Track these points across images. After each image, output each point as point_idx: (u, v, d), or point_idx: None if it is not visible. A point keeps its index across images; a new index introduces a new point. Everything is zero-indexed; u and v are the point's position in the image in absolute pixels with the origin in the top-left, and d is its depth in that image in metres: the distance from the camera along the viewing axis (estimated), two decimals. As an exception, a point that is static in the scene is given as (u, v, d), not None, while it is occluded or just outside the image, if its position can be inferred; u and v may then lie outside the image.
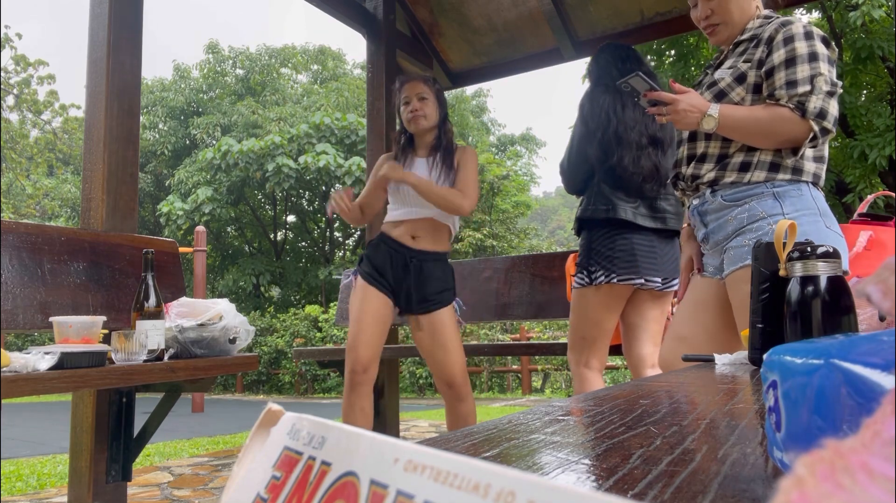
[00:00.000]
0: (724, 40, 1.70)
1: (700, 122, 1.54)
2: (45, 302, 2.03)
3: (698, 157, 1.67)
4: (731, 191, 1.60)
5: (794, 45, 1.53)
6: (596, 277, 2.28)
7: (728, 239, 1.61)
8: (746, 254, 1.54)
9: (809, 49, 1.53)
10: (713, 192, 1.64)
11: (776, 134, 1.52)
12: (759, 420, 0.53)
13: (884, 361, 0.25)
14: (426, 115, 2.44)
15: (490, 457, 0.42)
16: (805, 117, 1.49)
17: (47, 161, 17.69)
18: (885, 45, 7.04)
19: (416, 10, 4.03)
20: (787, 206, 1.53)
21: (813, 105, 1.49)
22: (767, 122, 1.52)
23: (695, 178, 1.67)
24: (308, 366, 10.35)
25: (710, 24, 1.68)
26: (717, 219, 1.64)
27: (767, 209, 1.54)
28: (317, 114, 14.26)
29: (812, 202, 1.54)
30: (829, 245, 0.89)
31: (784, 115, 1.51)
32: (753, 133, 1.54)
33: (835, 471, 0.14)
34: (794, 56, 1.52)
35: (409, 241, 2.42)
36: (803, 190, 1.55)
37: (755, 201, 1.56)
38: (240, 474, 0.24)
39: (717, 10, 1.66)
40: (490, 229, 13.95)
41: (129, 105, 2.39)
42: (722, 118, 1.53)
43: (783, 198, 1.54)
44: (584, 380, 2.37)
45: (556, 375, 9.91)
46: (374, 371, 2.38)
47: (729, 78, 1.62)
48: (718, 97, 1.62)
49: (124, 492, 2.26)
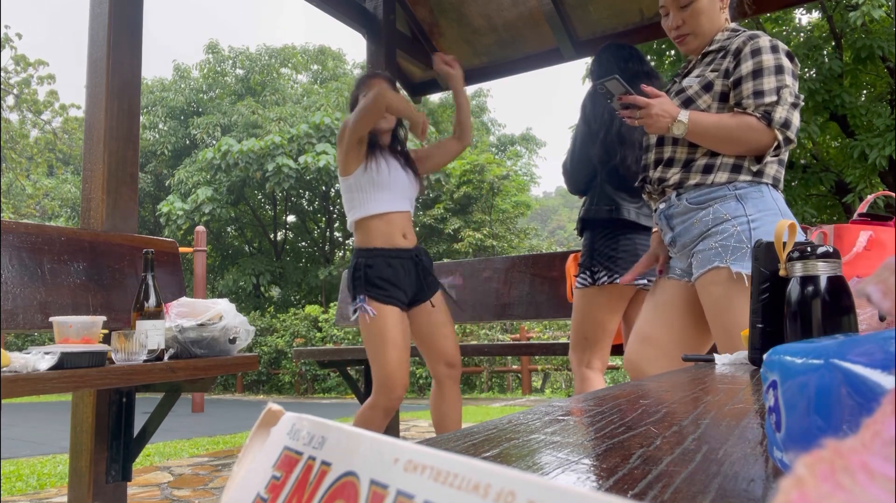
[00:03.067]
0: (693, 50, 1.76)
1: (670, 127, 1.59)
2: (45, 302, 2.03)
3: (665, 161, 1.72)
4: (696, 193, 1.64)
5: (761, 58, 1.59)
6: (599, 278, 2.28)
7: (694, 242, 1.66)
8: (713, 257, 1.58)
9: (776, 62, 1.59)
10: (678, 195, 1.68)
11: (742, 141, 1.58)
12: (759, 420, 0.53)
13: (884, 361, 0.25)
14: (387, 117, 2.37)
15: (490, 457, 0.42)
16: (771, 126, 1.55)
17: (47, 161, 17.69)
18: (885, 45, 7.04)
19: (416, 10, 4.03)
20: (749, 208, 1.58)
21: (779, 115, 1.55)
22: (735, 130, 1.57)
23: (661, 182, 1.72)
24: (308, 366, 10.36)
25: (680, 34, 1.74)
26: (683, 222, 1.68)
27: (731, 211, 1.59)
28: (317, 114, 14.26)
29: (773, 203, 1.59)
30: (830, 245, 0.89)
31: (751, 123, 1.56)
32: (721, 139, 1.59)
33: (835, 471, 0.14)
34: (762, 68, 1.58)
35: (402, 241, 2.32)
36: (764, 191, 1.60)
37: (718, 204, 1.61)
38: (240, 474, 0.24)
39: (688, 21, 1.71)
40: (490, 229, 13.95)
41: (129, 105, 2.39)
42: (691, 124, 1.58)
43: (745, 199, 1.59)
44: (586, 380, 2.37)
45: (556, 375, 9.91)
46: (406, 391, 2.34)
47: (697, 86, 1.67)
48: (686, 104, 1.67)
49: (124, 492, 2.26)
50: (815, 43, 7.82)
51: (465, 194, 13.95)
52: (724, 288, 1.57)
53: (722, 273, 1.57)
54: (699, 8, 1.69)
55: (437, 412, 2.45)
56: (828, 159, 8.36)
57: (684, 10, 1.70)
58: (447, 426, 2.45)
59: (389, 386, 2.25)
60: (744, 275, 1.52)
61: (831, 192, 8.06)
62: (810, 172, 7.79)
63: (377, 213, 2.31)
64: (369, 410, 2.29)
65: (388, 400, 2.26)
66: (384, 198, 2.32)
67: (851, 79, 7.65)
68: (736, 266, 1.54)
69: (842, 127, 7.79)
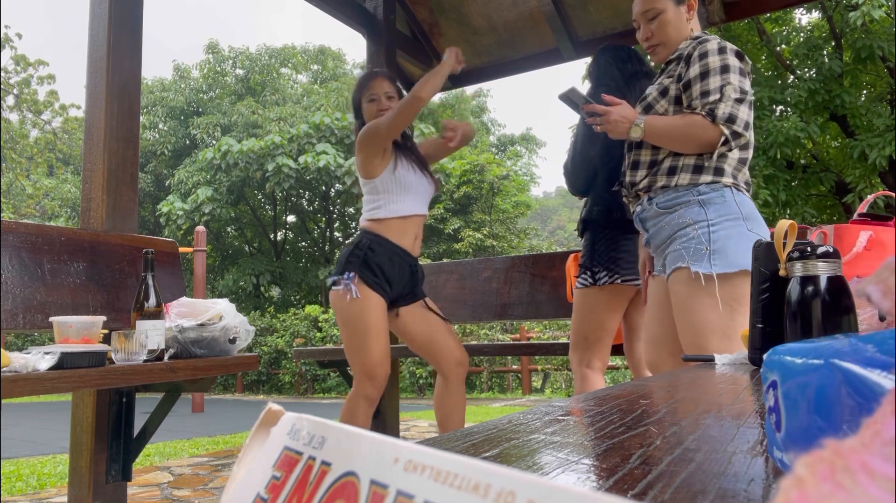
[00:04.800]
0: (662, 59, 1.87)
1: (629, 131, 1.73)
2: (45, 302, 2.03)
3: (632, 164, 1.83)
4: (664, 198, 1.75)
5: (707, 60, 1.70)
6: (599, 278, 2.28)
7: (664, 243, 1.76)
8: (677, 258, 1.70)
9: (722, 62, 1.69)
10: (649, 199, 1.79)
11: (692, 138, 1.68)
12: (759, 420, 0.53)
13: (884, 361, 0.25)
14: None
15: (490, 457, 0.42)
16: (715, 122, 1.64)
17: (47, 161, 17.68)
18: (885, 45, 7.04)
19: (416, 10, 4.03)
20: (710, 213, 1.67)
21: (721, 111, 1.64)
22: (684, 128, 1.68)
23: (633, 186, 1.83)
24: (308, 366, 10.36)
25: (650, 45, 1.86)
26: (655, 225, 1.79)
27: (693, 216, 1.69)
28: (317, 114, 14.26)
29: (735, 207, 1.68)
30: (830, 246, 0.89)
31: (697, 121, 1.67)
32: (673, 138, 1.71)
33: (835, 471, 0.14)
34: (707, 69, 1.69)
35: (410, 245, 2.33)
36: (726, 195, 1.69)
37: (684, 209, 1.71)
38: (240, 474, 0.24)
39: (656, 32, 1.83)
40: (490, 229, 13.95)
41: (129, 105, 2.39)
42: (647, 127, 1.72)
43: (707, 205, 1.68)
44: (586, 380, 2.37)
45: (556, 375, 9.91)
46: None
47: (655, 92, 1.79)
48: (646, 109, 1.79)
49: (124, 492, 2.26)
50: (815, 43, 7.82)
51: (465, 194, 13.95)
52: (686, 286, 1.67)
53: (684, 273, 1.68)
54: (665, 20, 1.81)
55: (443, 409, 2.43)
56: (828, 159, 8.36)
57: (652, 22, 1.82)
58: (452, 422, 2.44)
59: (373, 375, 2.23)
60: (701, 274, 1.63)
61: (831, 192, 8.06)
62: (810, 172, 7.79)
63: (402, 215, 2.31)
64: (352, 401, 2.27)
65: (371, 388, 2.24)
66: (408, 199, 2.32)
67: (851, 79, 7.65)
68: (695, 266, 1.64)
69: (842, 127, 7.79)
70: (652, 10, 1.81)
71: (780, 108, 7.84)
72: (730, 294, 1.62)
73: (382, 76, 2.42)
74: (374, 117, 2.31)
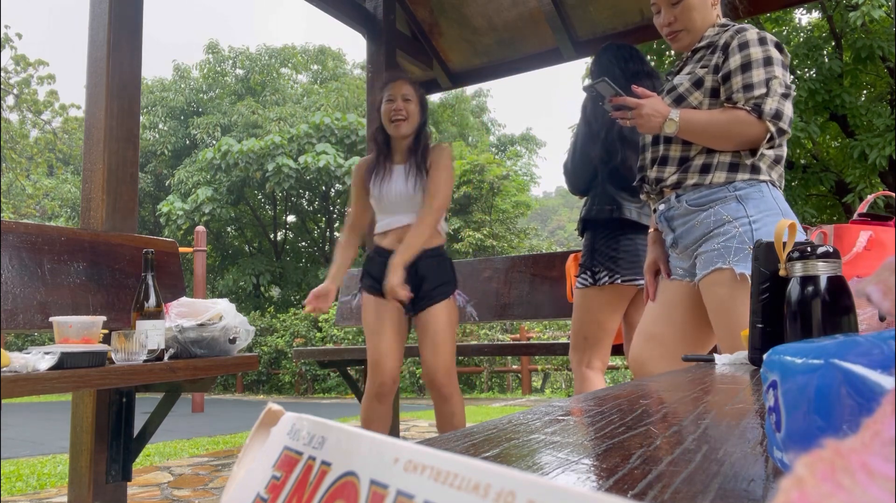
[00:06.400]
0: (685, 46, 1.75)
1: (662, 126, 1.60)
2: (45, 302, 2.03)
3: (660, 159, 1.71)
4: (695, 195, 1.64)
5: (749, 51, 1.58)
6: (600, 278, 2.28)
7: (697, 243, 1.66)
8: (716, 258, 1.59)
9: (764, 54, 1.58)
10: (678, 196, 1.68)
11: (734, 135, 1.57)
12: (759, 420, 0.53)
13: (884, 361, 0.25)
14: (408, 118, 2.38)
15: (490, 457, 0.42)
16: (762, 118, 1.54)
17: (47, 161, 17.68)
18: (885, 45, 7.04)
19: (416, 10, 4.03)
20: (750, 209, 1.57)
21: (769, 107, 1.54)
22: (726, 125, 1.57)
23: (658, 182, 1.72)
24: (308, 366, 10.36)
25: (672, 31, 1.73)
26: (684, 223, 1.68)
27: (732, 213, 1.58)
28: (317, 114, 14.26)
29: (773, 203, 1.59)
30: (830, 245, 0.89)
31: (741, 117, 1.55)
32: (713, 135, 1.59)
33: (835, 471, 0.14)
34: (750, 61, 1.57)
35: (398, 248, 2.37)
36: (764, 191, 1.60)
37: (720, 205, 1.61)
38: (240, 474, 0.24)
39: (680, 18, 1.70)
40: (490, 229, 13.95)
41: (129, 105, 2.39)
42: (682, 122, 1.59)
43: (745, 200, 1.58)
44: (586, 380, 2.37)
45: (556, 375, 9.91)
46: (398, 380, 2.40)
47: (687, 83, 1.67)
48: (677, 101, 1.67)
49: (124, 492, 2.26)
50: (815, 43, 7.82)
51: (465, 194, 13.94)
52: (727, 289, 1.57)
53: (725, 274, 1.57)
54: (690, 4, 1.68)
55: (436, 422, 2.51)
56: (828, 159, 8.36)
57: (675, 6, 1.69)
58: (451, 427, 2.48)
59: (373, 372, 2.35)
60: (747, 276, 1.52)
61: (831, 192, 8.06)
62: (810, 172, 7.79)
63: (390, 229, 2.45)
64: (364, 402, 2.40)
65: (374, 385, 2.35)
66: (385, 220, 2.45)
67: (851, 79, 7.65)
68: (739, 267, 1.54)
69: (842, 127, 7.79)
70: None
71: (780, 108, 7.81)
72: None
73: (405, 80, 2.46)
74: (388, 117, 2.40)
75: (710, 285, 1.61)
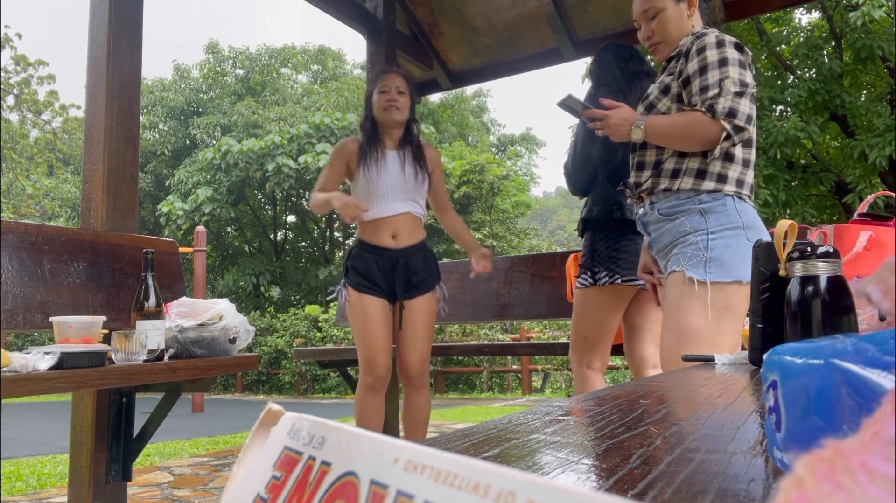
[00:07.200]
0: (664, 57, 1.85)
1: (630, 133, 1.71)
2: (45, 302, 2.03)
3: (636, 165, 1.82)
4: (665, 204, 1.74)
5: (705, 54, 1.67)
6: (600, 278, 2.28)
7: (665, 248, 1.77)
8: (673, 263, 1.71)
9: (720, 56, 1.66)
10: (651, 203, 1.78)
11: (694, 136, 1.65)
12: (759, 420, 0.53)
13: (884, 361, 0.25)
14: (401, 108, 2.43)
15: (490, 457, 0.42)
16: (715, 118, 1.61)
17: (47, 161, 17.68)
18: (885, 45, 7.04)
19: (416, 10, 4.03)
20: (711, 222, 1.67)
21: (721, 106, 1.61)
22: (685, 126, 1.66)
23: (637, 186, 1.82)
24: (308, 366, 10.36)
25: (652, 44, 1.84)
26: (656, 230, 1.79)
27: (694, 225, 1.68)
28: (317, 114, 14.26)
29: (736, 216, 1.67)
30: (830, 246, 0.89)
31: (698, 118, 1.64)
32: (675, 137, 1.68)
33: (835, 471, 0.14)
34: (706, 64, 1.66)
35: (389, 241, 2.42)
36: (727, 204, 1.68)
37: (684, 217, 1.70)
38: (240, 474, 0.24)
39: (657, 31, 1.81)
40: (490, 229, 13.95)
41: (129, 105, 2.39)
42: (648, 127, 1.70)
43: (708, 213, 1.68)
44: (586, 380, 2.37)
45: (556, 375, 9.91)
46: (390, 372, 2.44)
47: (656, 91, 1.78)
48: (648, 109, 1.78)
49: (124, 492, 2.26)
50: (815, 43, 7.82)
51: (465, 194, 13.94)
52: (677, 290, 1.67)
53: (678, 276, 1.68)
54: (665, 17, 1.79)
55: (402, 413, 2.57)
56: (828, 159, 8.36)
57: (652, 21, 1.81)
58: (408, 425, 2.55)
59: (366, 367, 2.39)
60: (695, 280, 1.63)
61: (831, 192, 8.06)
62: (810, 172, 7.79)
63: (373, 218, 2.43)
64: (357, 393, 2.44)
65: (367, 378, 2.39)
66: (380, 204, 2.42)
67: (851, 79, 7.65)
68: (690, 271, 1.64)
69: (842, 127, 7.79)
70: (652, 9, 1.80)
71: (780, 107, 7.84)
72: (721, 302, 1.62)
73: (397, 73, 2.50)
74: (381, 107, 2.42)
75: (667, 286, 1.74)
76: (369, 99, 2.50)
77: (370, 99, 2.49)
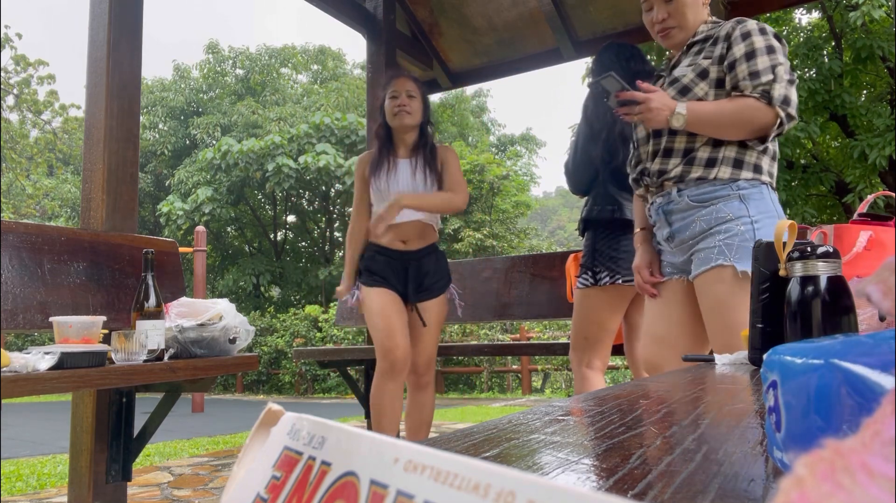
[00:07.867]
0: (676, 44, 1.77)
1: (669, 120, 1.59)
2: (45, 302, 2.03)
3: (663, 152, 1.71)
4: (697, 191, 1.65)
5: (752, 39, 1.60)
6: (601, 278, 2.28)
7: (695, 239, 1.66)
8: (717, 255, 1.60)
9: (766, 42, 1.61)
10: (679, 191, 1.68)
11: (745, 123, 1.58)
12: (759, 420, 0.53)
13: (884, 361, 0.25)
14: (412, 113, 2.42)
15: (490, 457, 0.42)
16: (771, 105, 1.56)
17: (47, 161, 17.68)
18: (885, 45, 7.04)
19: (416, 10, 4.03)
20: (752, 209, 1.60)
21: (777, 92, 1.56)
22: (736, 113, 1.57)
23: (661, 174, 1.71)
24: (308, 366, 10.36)
25: (665, 28, 1.74)
26: (683, 218, 1.69)
27: (734, 211, 1.60)
28: (317, 114, 14.27)
29: (771, 205, 1.63)
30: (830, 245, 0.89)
31: (751, 104, 1.57)
32: (723, 125, 1.59)
33: (835, 471, 0.14)
34: (754, 49, 1.60)
35: (400, 245, 2.44)
36: (764, 193, 1.63)
37: (722, 203, 1.62)
38: (240, 474, 0.24)
39: (673, 14, 1.73)
40: (490, 229, 13.94)
41: (129, 105, 2.39)
42: (690, 114, 1.58)
43: (748, 200, 1.61)
44: (586, 380, 2.37)
45: (556, 375, 9.91)
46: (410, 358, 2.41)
47: (691, 73, 1.67)
48: (682, 93, 1.66)
49: (124, 492, 2.26)
50: (815, 43, 7.82)
51: (466, 194, 13.92)
52: (728, 286, 1.58)
53: (726, 271, 1.58)
54: (684, 1, 1.71)
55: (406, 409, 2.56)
56: (828, 159, 8.35)
57: (669, 3, 1.72)
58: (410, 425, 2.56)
59: (384, 350, 2.36)
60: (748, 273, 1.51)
61: (831, 192, 8.05)
62: (810, 172, 7.78)
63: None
64: (375, 381, 2.42)
65: (385, 362, 2.36)
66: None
67: (851, 79, 7.64)
68: (741, 265, 1.56)
69: (842, 127, 7.79)
70: None
71: (780, 108, 7.81)
72: None
73: (406, 76, 2.51)
74: (392, 112, 2.42)
75: (709, 282, 1.61)
76: (382, 105, 2.50)
77: (382, 105, 2.49)
